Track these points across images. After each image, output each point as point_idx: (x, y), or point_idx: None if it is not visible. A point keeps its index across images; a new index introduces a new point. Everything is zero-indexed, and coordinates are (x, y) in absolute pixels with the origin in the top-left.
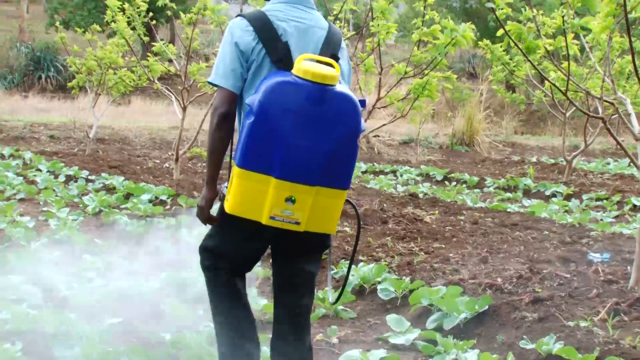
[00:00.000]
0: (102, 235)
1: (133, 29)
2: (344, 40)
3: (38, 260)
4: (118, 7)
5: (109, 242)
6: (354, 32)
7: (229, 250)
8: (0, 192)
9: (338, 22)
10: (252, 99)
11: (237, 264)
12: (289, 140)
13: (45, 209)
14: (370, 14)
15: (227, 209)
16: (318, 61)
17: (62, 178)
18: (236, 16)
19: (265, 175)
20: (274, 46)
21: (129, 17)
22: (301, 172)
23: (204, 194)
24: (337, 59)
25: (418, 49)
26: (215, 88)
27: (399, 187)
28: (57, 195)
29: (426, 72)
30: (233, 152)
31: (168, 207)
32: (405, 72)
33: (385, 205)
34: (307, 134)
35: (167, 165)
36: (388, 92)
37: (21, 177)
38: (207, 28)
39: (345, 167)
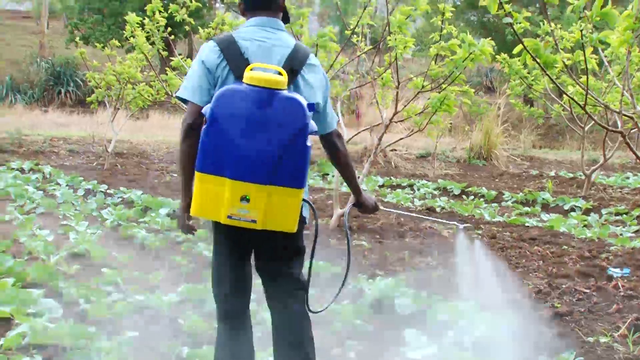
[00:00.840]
0: (121, 248)
1: (152, 43)
2: (362, 55)
3: (57, 274)
4: (137, 23)
5: (128, 256)
6: (371, 47)
7: (225, 253)
8: (20, 206)
9: (355, 36)
10: (206, 107)
11: (235, 266)
12: (238, 142)
13: (64, 222)
14: (387, 28)
15: (191, 211)
16: (277, 72)
17: (81, 192)
18: (210, 39)
19: (220, 177)
20: (236, 63)
21: (148, 33)
22: (252, 172)
23: (180, 204)
24: (296, 73)
25: (436, 63)
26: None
27: (416, 201)
28: (76, 209)
29: (444, 86)
30: None
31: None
32: (423, 86)
33: (402, 219)
34: (255, 136)
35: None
36: (405, 106)
37: (41, 191)
38: None
39: (296, 166)
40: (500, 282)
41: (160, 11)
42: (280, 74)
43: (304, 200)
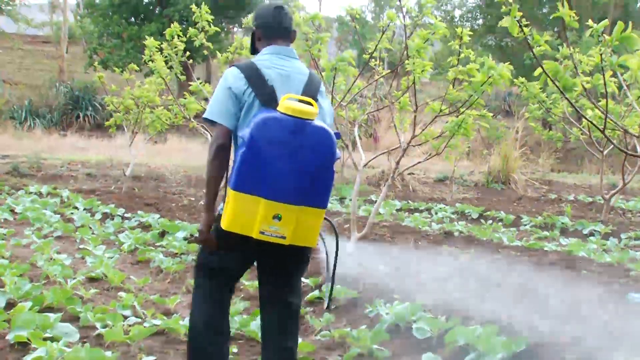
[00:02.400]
0: (138, 272)
1: (170, 68)
2: (380, 78)
3: (74, 298)
4: (156, 47)
5: (145, 280)
6: (388, 71)
7: (222, 264)
8: (37, 230)
9: (373, 60)
10: (245, 132)
11: (228, 274)
12: (275, 165)
13: (81, 246)
14: (405, 52)
15: (224, 225)
16: (300, 100)
17: (98, 216)
18: (230, 66)
19: (255, 197)
20: (262, 90)
21: (166, 57)
22: (286, 194)
23: (203, 218)
24: (316, 100)
25: (454, 87)
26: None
27: (433, 225)
28: (93, 233)
29: (462, 110)
30: (228, 179)
31: None
32: (441, 110)
33: (420, 243)
34: (290, 161)
35: (203, 203)
36: (423, 129)
37: (58, 215)
38: None
39: (324, 189)
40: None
41: (179, 35)
42: (310, 104)
43: (325, 218)
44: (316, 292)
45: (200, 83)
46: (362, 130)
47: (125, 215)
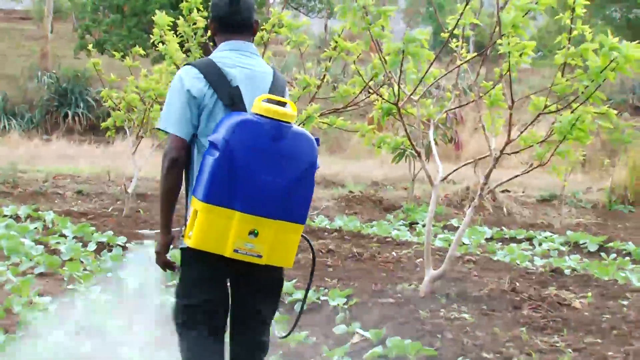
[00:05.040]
0: (145, 321)
1: (187, 51)
2: (463, 64)
3: (62, 356)
4: (168, 25)
5: (153, 331)
6: (475, 54)
7: (200, 297)
8: (14, 265)
9: (454, 40)
10: (216, 137)
11: (212, 310)
12: (251, 175)
13: (70, 286)
14: (497, 28)
15: (192, 243)
16: (276, 102)
17: (92, 246)
18: (185, 64)
19: (229, 210)
20: (225, 91)
21: (181, 37)
22: (264, 206)
23: (159, 239)
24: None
25: (563, 76)
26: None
27: (536, 260)
28: (85, 269)
29: (574, 105)
30: (189, 194)
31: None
32: (546, 106)
33: (517, 284)
34: (268, 169)
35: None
36: (521, 132)
37: (41, 246)
38: (280, 50)
39: (304, 202)
40: None
41: (198, 9)
42: (287, 105)
43: (302, 236)
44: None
45: None
46: (440, 133)
47: (128, 245)
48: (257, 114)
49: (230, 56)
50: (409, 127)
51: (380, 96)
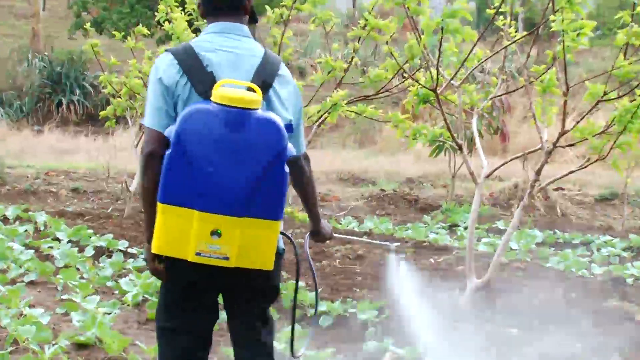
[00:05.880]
0: (148, 335)
1: (196, 31)
2: (511, 45)
3: None
4: (175, 0)
5: (157, 347)
6: (525, 33)
7: (178, 319)
8: (1, 272)
9: (500, 17)
10: (170, 129)
11: (189, 331)
12: (208, 169)
13: (65, 296)
14: (550, 4)
15: (153, 248)
16: (249, 89)
17: (89, 251)
18: (165, 51)
19: (187, 209)
20: (199, 79)
21: (190, 15)
22: (224, 203)
23: (145, 245)
24: (269, 86)
25: (625, 58)
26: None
27: (594, 267)
28: (82, 277)
29: (638, 92)
30: None
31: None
32: (605, 93)
33: (573, 295)
34: (228, 162)
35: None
36: (577, 122)
37: (31, 250)
38: (302, 29)
39: (273, 195)
40: None
41: None
42: (253, 90)
43: (281, 232)
44: None
45: None
46: (484, 123)
47: (129, 250)
48: (214, 102)
49: (213, 39)
50: (449, 117)
51: (416, 81)
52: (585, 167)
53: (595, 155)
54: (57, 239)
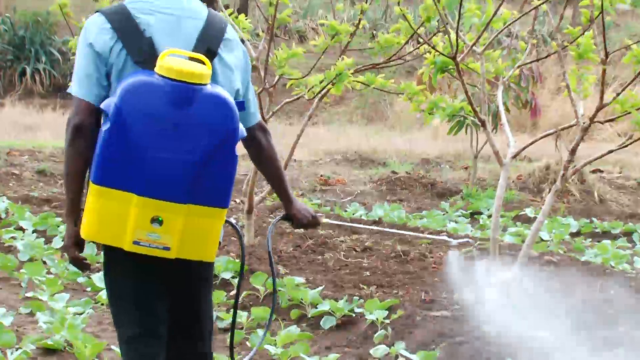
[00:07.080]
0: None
1: None
2: (541, 5)
3: None
4: None
5: None
6: None
7: (139, 311)
8: None
9: None
10: (108, 102)
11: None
12: (150, 149)
13: (30, 294)
14: None
15: (83, 234)
16: (192, 59)
17: (57, 242)
18: (95, 12)
19: (125, 192)
20: (135, 45)
21: None
22: (167, 188)
23: (66, 229)
24: (214, 55)
25: None
26: None
27: (638, 261)
28: (49, 273)
29: None
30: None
31: (233, 292)
32: None
33: (612, 292)
34: (172, 142)
35: (235, 221)
36: (618, 94)
37: None
38: None
39: (221, 180)
40: None
41: None
42: (202, 62)
43: (226, 221)
44: None
45: (231, 14)
46: (511, 95)
47: None
48: (158, 74)
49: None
50: (470, 88)
51: (433, 47)
52: (627, 145)
53: (638, 133)
54: (21, 229)
